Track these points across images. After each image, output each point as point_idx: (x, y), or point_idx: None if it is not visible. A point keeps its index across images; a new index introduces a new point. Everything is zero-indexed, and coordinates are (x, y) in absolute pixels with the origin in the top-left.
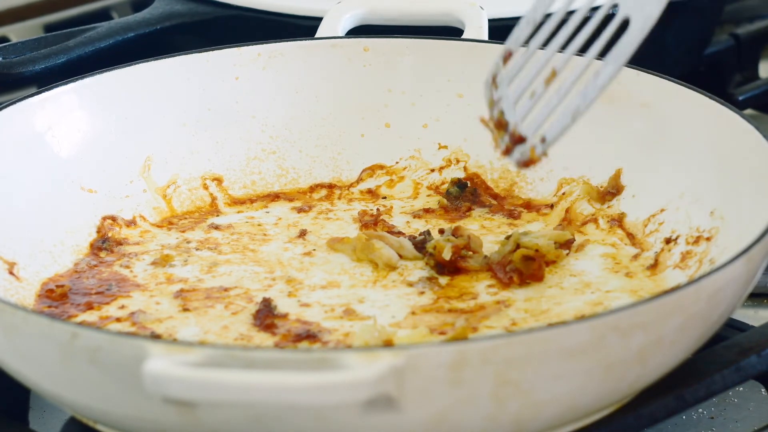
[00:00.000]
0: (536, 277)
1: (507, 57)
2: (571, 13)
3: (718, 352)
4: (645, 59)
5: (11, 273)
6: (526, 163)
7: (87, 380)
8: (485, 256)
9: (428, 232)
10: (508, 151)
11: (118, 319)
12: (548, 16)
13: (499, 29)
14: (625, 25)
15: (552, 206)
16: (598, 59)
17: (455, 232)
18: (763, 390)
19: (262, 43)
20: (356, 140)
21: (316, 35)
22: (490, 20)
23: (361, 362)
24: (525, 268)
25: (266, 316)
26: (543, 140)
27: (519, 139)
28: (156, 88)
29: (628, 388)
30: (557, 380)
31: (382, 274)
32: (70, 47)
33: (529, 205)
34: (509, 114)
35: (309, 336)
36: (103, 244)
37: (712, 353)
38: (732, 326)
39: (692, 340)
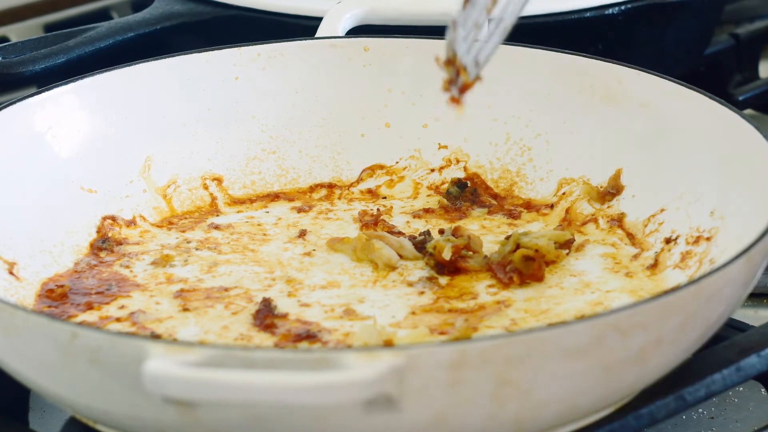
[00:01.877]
0: (536, 277)
1: (466, 1)
2: None
3: (718, 352)
4: (645, 59)
5: (11, 273)
6: (461, 89)
7: (87, 380)
8: (485, 256)
9: (428, 232)
10: (449, 85)
11: (118, 319)
12: None
13: None
14: None
15: (552, 206)
16: None
17: (455, 232)
18: (763, 390)
19: (262, 43)
20: (356, 140)
21: (316, 35)
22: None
23: (361, 362)
24: (525, 268)
25: (266, 316)
26: (477, 63)
27: (461, 70)
28: (156, 88)
29: (628, 388)
30: (557, 380)
31: (382, 274)
32: (70, 47)
33: (529, 205)
34: (459, 51)
35: (309, 336)
36: (103, 244)
37: (712, 353)
38: (732, 326)
39: (692, 340)
